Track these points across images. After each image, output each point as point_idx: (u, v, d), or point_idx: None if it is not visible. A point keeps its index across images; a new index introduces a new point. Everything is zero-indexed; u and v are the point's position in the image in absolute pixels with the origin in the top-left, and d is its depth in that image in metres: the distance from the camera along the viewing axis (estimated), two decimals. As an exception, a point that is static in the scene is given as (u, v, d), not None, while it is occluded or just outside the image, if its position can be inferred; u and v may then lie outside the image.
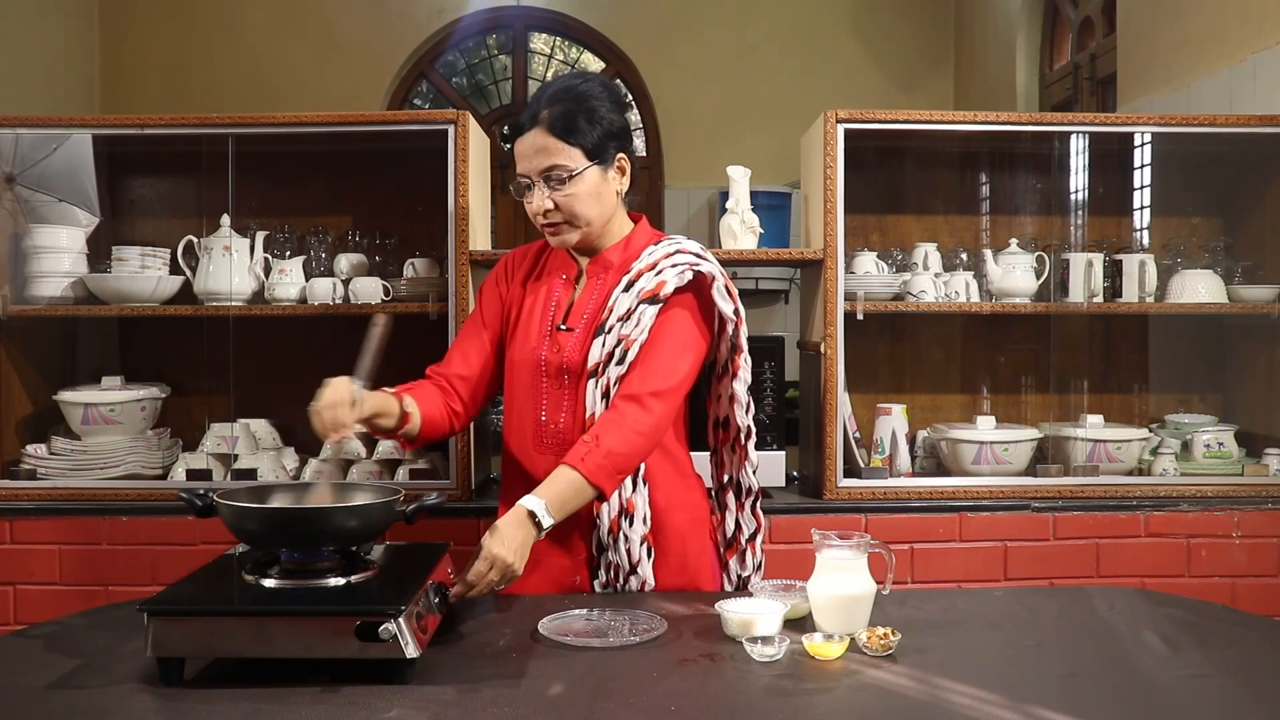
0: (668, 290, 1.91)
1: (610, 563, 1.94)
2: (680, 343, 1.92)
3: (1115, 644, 1.71)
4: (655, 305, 1.91)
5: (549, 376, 1.95)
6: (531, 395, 1.97)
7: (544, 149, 1.90)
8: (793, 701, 1.44)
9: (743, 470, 2.06)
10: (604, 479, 1.81)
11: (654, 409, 1.86)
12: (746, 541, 2.07)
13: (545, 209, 1.92)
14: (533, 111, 1.92)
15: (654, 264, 1.94)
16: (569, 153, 1.90)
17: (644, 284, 1.92)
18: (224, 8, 6.06)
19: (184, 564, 2.57)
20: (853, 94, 5.72)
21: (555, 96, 1.92)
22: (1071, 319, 3.06)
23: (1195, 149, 3.12)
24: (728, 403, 2.04)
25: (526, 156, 1.92)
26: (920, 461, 3.00)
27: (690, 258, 1.95)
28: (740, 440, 2.05)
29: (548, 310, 2.00)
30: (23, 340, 2.91)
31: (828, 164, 2.75)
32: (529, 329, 1.99)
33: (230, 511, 1.65)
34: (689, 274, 1.93)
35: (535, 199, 1.92)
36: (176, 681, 1.48)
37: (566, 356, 1.94)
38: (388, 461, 2.88)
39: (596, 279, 1.99)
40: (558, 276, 2.03)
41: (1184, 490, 2.79)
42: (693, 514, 2.05)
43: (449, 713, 1.39)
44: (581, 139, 1.90)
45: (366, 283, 2.87)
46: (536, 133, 1.90)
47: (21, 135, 2.82)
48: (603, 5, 6.26)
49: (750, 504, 2.07)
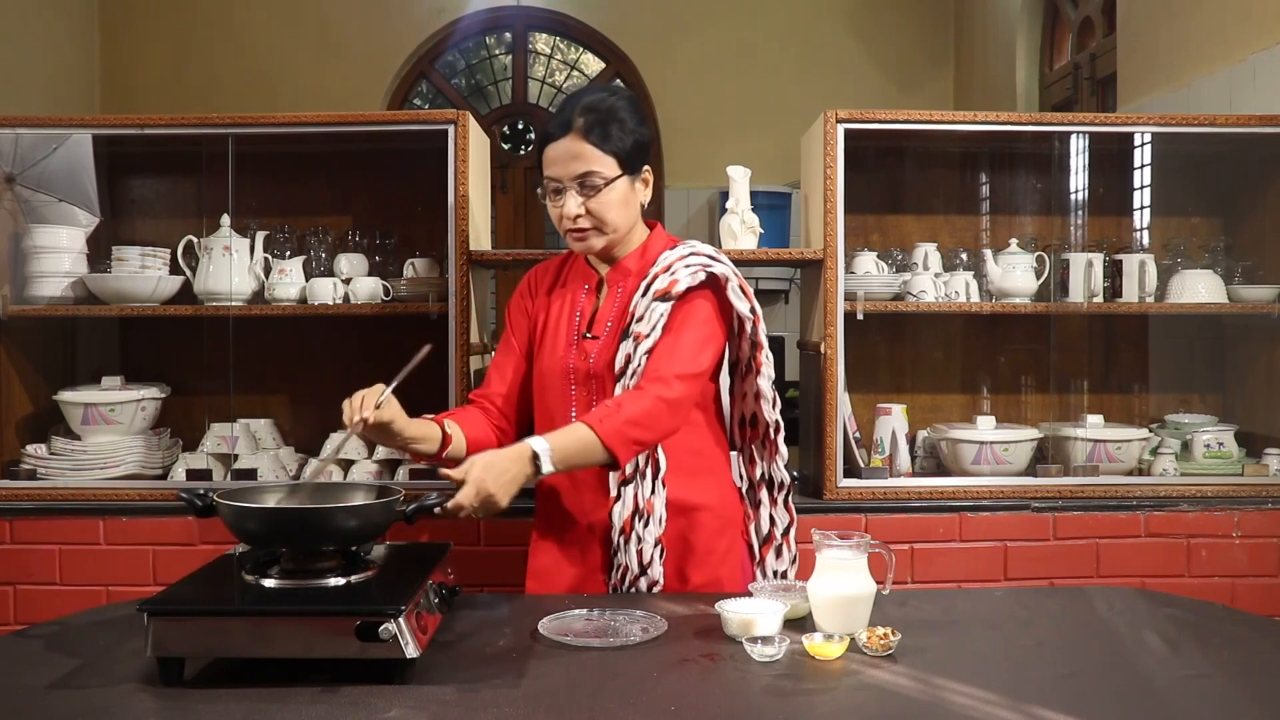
0: (680, 289, 1.94)
1: (620, 564, 1.95)
2: (700, 334, 1.95)
3: (1115, 644, 1.71)
4: (667, 303, 1.94)
5: (578, 383, 1.99)
6: (562, 402, 2.00)
7: (580, 155, 1.93)
8: (793, 701, 1.44)
9: (774, 464, 2.10)
10: (619, 445, 1.81)
11: (676, 388, 1.88)
12: (781, 536, 2.10)
13: (577, 214, 1.94)
14: (565, 119, 1.95)
15: (669, 266, 1.98)
16: (604, 160, 1.93)
17: (659, 284, 1.96)
18: (224, 8, 6.06)
19: (184, 564, 2.58)
20: (853, 94, 5.72)
21: (590, 106, 1.94)
22: (1071, 319, 3.06)
23: (1195, 149, 3.12)
24: (754, 400, 2.08)
25: (560, 162, 1.94)
26: (920, 461, 3.00)
27: (703, 259, 1.99)
28: (770, 435, 2.08)
29: (572, 319, 2.03)
30: (23, 340, 2.91)
31: (828, 164, 2.75)
32: (556, 339, 2.03)
33: (230, 511, 1.65)
34: (702, 274, 1.97)
35: (568, 204, 1.94)
36: (176, 681, 1.48)
37: (594, 363, 1.98)
38: (388, 461, 2.88)
39: (617, 286, 2.03)
40: (580, 286, 2.06)
41: (1184, 490, 2.79)
42: (724, 513, 2.07)
43: (449, 713, 1.39)
44: (615, 148, 1.94)
45: (366, 283, 2.87)
46: (572, 139, 1.93)
47: (21, 135, 2.81)
48: (603, 5, 6.26)
49: (783, 498, 2.11)
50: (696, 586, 2.00)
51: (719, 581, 2.02)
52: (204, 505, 1.69)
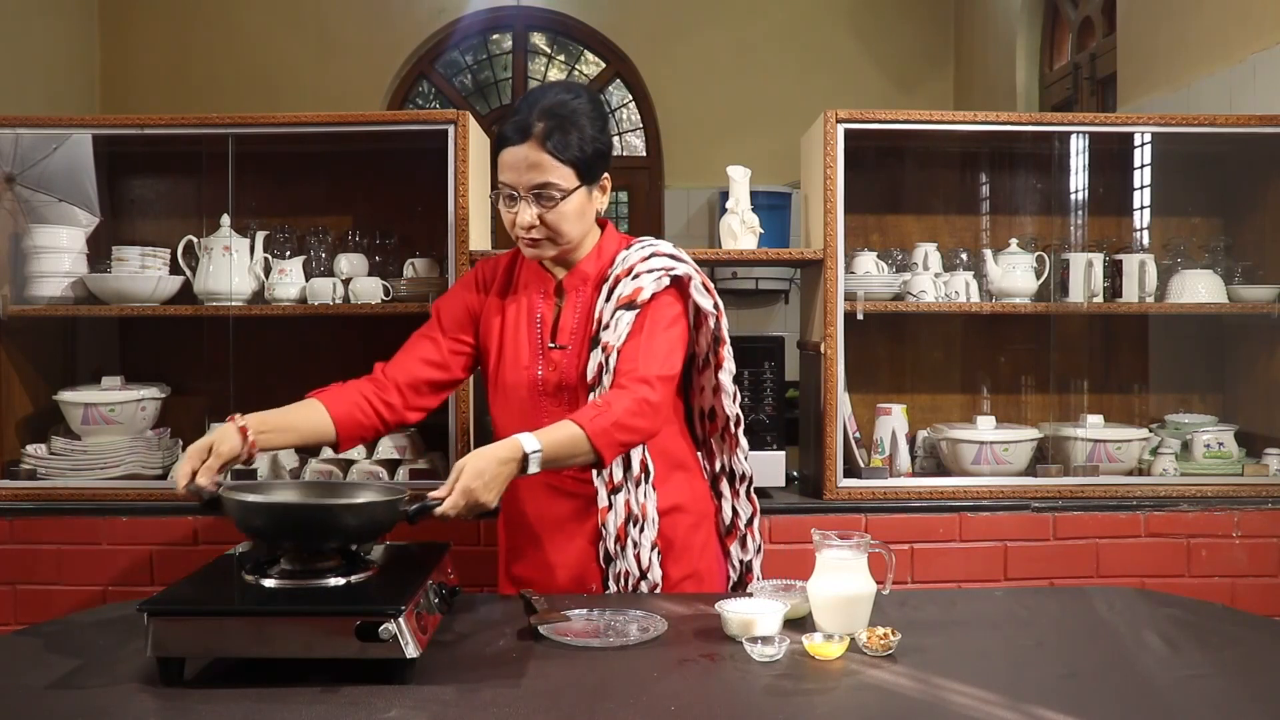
0: (644, 297, 1.92)
1: (619, 571, 1.95)
2: (671, 335, 1.93)
3: (1115, 644, 1.71)
4: (632, 311, 1.91)
5: (548, 394, 1.96)
6: (531, 413, 1.96)
7: (537, 165, 1.87)
8: (793, 701, 1.44)
9: (734, 457, 2.10)
10: (605, 445, 1.78)
11: (658, 390, 1.86)
12: (745, 526, 2.10)
13: (531, 224, 1.90)
14: (523, 122, 1.88)
15: (630, 268, 1.95)
16: (562, 171, 1.88)
17: (622, 290, 1.93)
18: (224, 8, 6.06)
19: (184, 564, 2.58)
20: (853, 94, 5.72)
21: (549, 111, 1.88)
22: (1071, 319, 3.06)
23: (1195, 149, 3.12)
24: (711, 393, 2.06)
25: (516, 169, 1.88)
26: (920, 461, 3.00)
27: (665, 260, 1.96)
28: (730, 428, 2.08)
29: (533, 328, 1.99)
30: (23, 340, 2.91)
31: (828, 164, 2.75)
32: (518, 349, 1.98)
33: (236, 506, 1.65)
34: (665, 279, 1.94)
35: (522, 213, 1.89)
36: (176, 681, 1.48)
37: (564, 374, 1.95)
38: (388, 461, 2.88)
39: (576, 293, 1.99)
40: (535, 292, 2.01)
41: (1184, 490, 2.79)
42: (698, 509, 2.07)
43: (449, 713, 1.40)
44: (574, 157, 1.88)
45: (366, 283, 2.87)
46: (529, 147, 1.87)
47: (21, 135, 2.81)
48: (603, 5, 6.26)
49: (745, 489, 2.11)
50: (676, 581, 2.00)
51: (699, 575, 2.03)
52: (209, 500, 1.69)
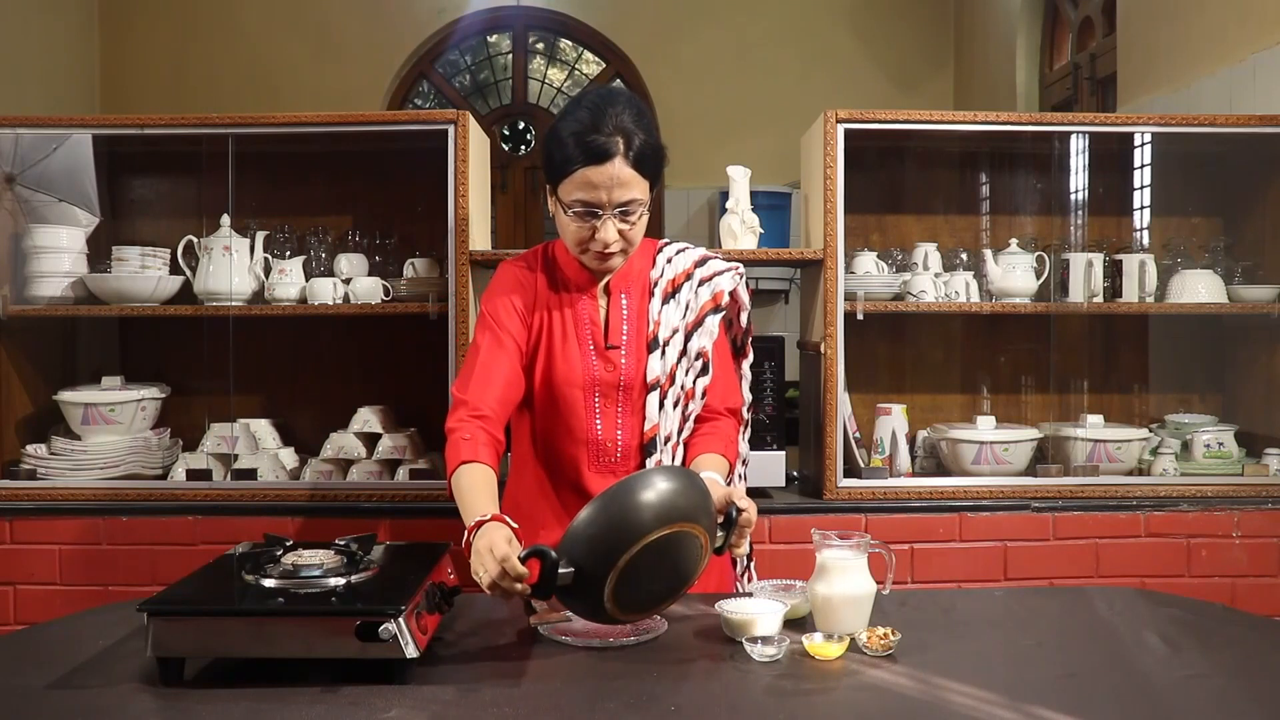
0: (726, 299, 2.00)
1: None
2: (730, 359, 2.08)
3: (1115, 644, 1.71)
4: (719, 314, 1.99)
5: (603, 394, 1.94)
6: (583, 413, 1.93)
7: (626, 184, 1.82)
8: (793, 701, 1.44)
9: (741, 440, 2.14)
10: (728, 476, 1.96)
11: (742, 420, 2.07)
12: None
13: (613, 240, 1.85)
14: (608, 143, 1.81)
15: (686, 273, 2.00)
16: (643, 186, 1.85)
17: (688, 296, 1.99)
18: (224, 8, 6.06)
19: (184, 564, 2.57)
20: (853, 94, 5.72)
21: (633, 129, 1.83)
22: (1071, 319, 3.06)
23: (1195, 149, 3.12)
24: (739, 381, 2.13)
25: (604, 187, 1.81)
26: (920, 461, 3.00)
27: (721, 263, 2.04)
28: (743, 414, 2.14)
29: (583, 328, 1.95)
30: (23, 340, 2.91)
31: (828, 164, 2.75)
32: (568, 349, 1.94)
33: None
34: (738, 277, 2.03)
35: (607, 230, 1.83)
36: (176, 681, 1.48)
37: (624, 373, 1.94)
38: (388, 461, 2.88)
39: (621, 292, 1.98)
40: (579, 293, 1.97)
41: (1184, 490, 2.79)
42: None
43: (449, 713, 1.39)
44: (652, 172, 1.87)
45: (366, 283, 2.87)
46: (620, 164, 1.81)
47: (21, 135, 2.82)
48: (603, 5, 6.26)
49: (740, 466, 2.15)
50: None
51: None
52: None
